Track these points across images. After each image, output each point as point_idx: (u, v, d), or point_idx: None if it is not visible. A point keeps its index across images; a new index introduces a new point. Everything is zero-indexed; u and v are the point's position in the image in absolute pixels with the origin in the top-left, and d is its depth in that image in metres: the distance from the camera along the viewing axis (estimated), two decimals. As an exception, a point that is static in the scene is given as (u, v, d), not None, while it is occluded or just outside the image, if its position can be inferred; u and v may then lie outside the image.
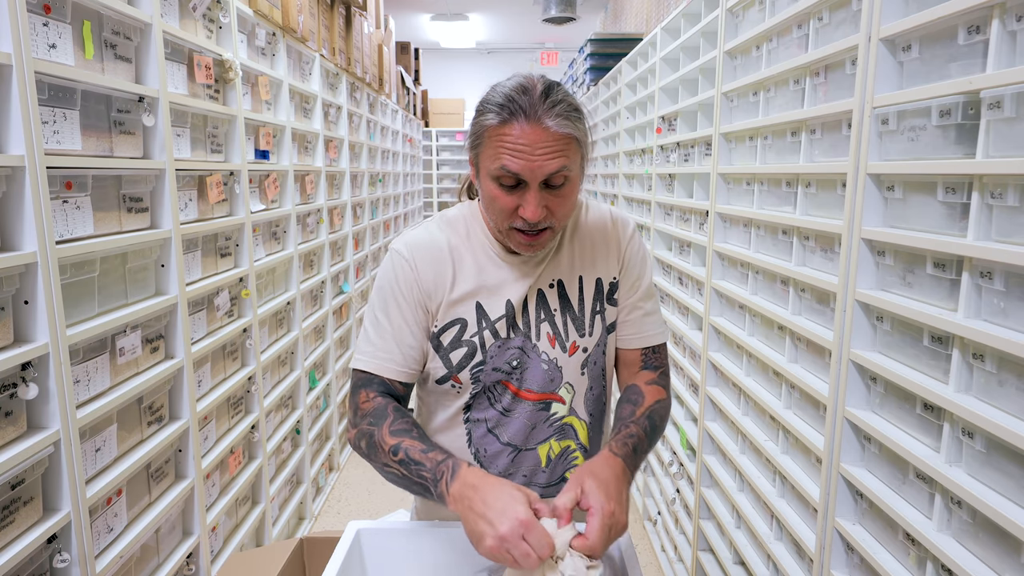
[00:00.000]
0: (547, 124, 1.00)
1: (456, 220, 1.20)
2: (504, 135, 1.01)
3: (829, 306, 1.47)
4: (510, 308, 1.15)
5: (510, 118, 1.01)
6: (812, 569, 1.49)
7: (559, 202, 1.06)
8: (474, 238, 1.18)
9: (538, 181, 1.02)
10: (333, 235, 3.62)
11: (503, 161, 1.01)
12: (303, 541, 1.78)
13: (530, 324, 1.17)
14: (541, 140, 1.00)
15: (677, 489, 2.60)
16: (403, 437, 1.06)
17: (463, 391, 1.18)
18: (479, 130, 1.06)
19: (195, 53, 2.01)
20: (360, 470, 3.76)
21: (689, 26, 2.58)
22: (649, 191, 3.09)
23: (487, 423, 1.19)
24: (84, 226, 1.52)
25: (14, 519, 1.31)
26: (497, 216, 1.08)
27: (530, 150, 1.00)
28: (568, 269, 1.19)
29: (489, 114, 1.03)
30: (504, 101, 1.02)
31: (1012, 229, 0.97)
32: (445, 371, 1.17)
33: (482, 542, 0.92)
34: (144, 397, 1.75)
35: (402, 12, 8.43)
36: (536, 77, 1.05)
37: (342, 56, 3.73)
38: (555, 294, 1.18)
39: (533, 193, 1.03)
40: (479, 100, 1.08)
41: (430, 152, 9.62)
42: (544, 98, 1.01)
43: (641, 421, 1.13)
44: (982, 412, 0.99)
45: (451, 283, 1.15)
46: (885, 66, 1.22)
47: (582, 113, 1.06)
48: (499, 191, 1.05)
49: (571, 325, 1.18)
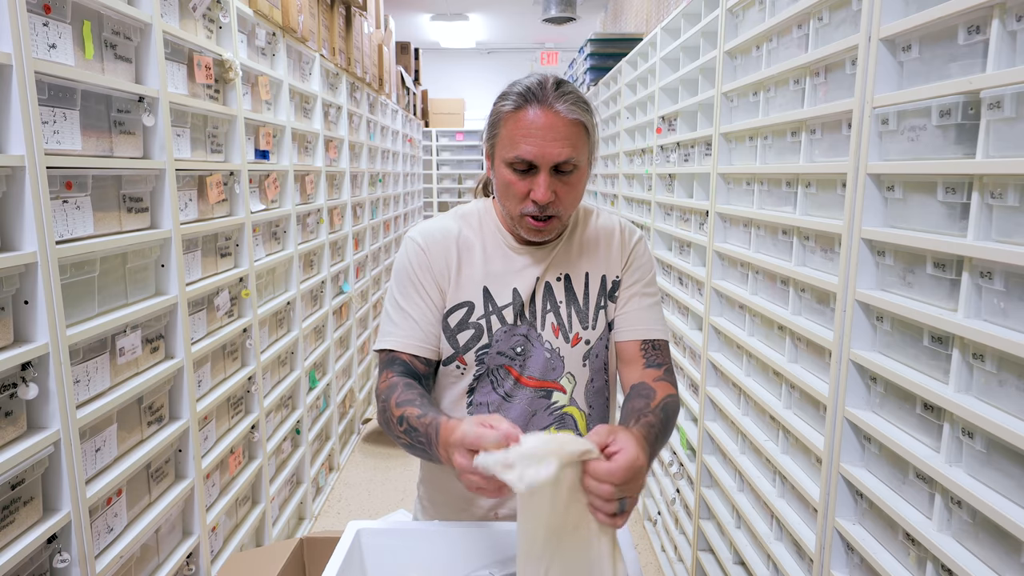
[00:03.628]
0: (558, 109, 1.08)
1: (470, 213, 1.27)
2: (519, 120, 1.10)
3: (829, 306, 1.47)
4: (517, 297, 1.21)
5: (524, 104, 1.10)
6: (812, 569, 1.49)
7: (567, 189, 1.13)
8: (486, 229, 1.24)
9: (549, 166, 1.10)
10: (333, 235, 3.62)
11: (517, 146, 1.10)
12: (303, 541, 1.78)
13: (536, 314, 1.21)
14: (552, 125, 1.08)
15: (677, 489, 2.60)
16: (406, 407, 1.08)
17: (467, 372, 1.22)
18: (496, 117, 1.14)
19: (195, 53, 2.01)
20: (360, 470, 3.76)
21: (689, 26, 2.58)
22: (649, 191, 3.09)
23: (488, 407, 1.22)
24: (84, 226, 1.52)
25: (14, 519, 1.31)
26: (510, 201, 1.15)
27: (542, 134, 1.08)
28: (575, 264, 1.24)
29: (505, 102, 1.12)
30: (520, 90, 1.11)
31: (1012, 229, 0.97)
32: (452, 351, 1.21)
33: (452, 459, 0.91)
34: (144, 397, 1.75)
35: (402, 12, 8.43)
36: (549, 74, 1.14)
37: (342, 56, 3.73)
38: (561, 287, 1.23)
39: (544, 176, 1.10)
40: (497, 96, 1.17)
41: (430, 152, 9.62)
42: (556, 88, 1.11)
43: (657, 412, 1.11)
44: (982, 412, 0.99)
45: (457, 266, 1.21)
46: (885, 66, 1.22)
47: (591, 106, 1.14)
48: (513, 176, 1.12)
49: (575, 317, 1.23)
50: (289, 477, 2.87)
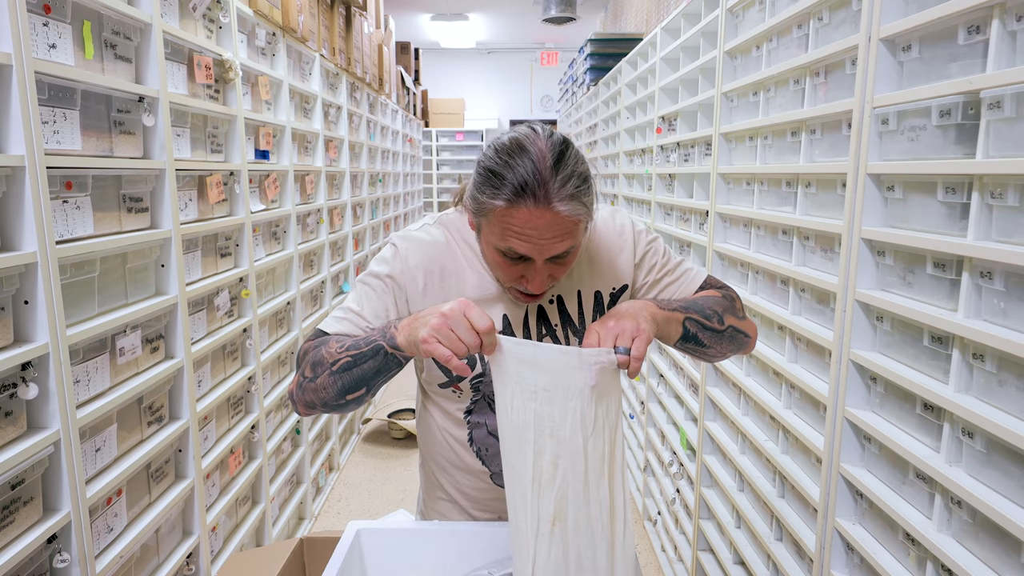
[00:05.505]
0: (558, 209, 0.96)
1: (455, 227, 1.19)
2: (511, 218, 0.97)
3: (829, 306, 1.47)
4: (506, 322, 1.15)
5: (517, 201, 0.96)
6: (812, 569, 1.49)
7: (562, 268, 1.06)
8: (473, 248, 1.16)
9: (544, 259, 1.01)
10: (333, 235, 3.62)
11: (510, 243, 0.99)
12: (303, 541, 1.78)
13: (531, 338, 1.16)
14: (549, 225, 0.97)
15: (677, 489, 2.60)
16: (346, 340, 1.05)
17: (463, 397, 1.19)
18: (483, 207, 1.00)
19: (195, 53, 2.01)
20: (360, 470, 3.76)
21: (689, 26, 2.58)
22: (649, 191, 3.10)
23: (487, 426, 1.19)
24: (84, 226, 1.52)
25: (14, 519, 1.31)
26: (499, 277, 1.09)
27: (538, 234, 0.97)
28: (566, 285, 1.17)
29: (493, 190, 0.97)
30: (508, 175, 0.96)
31: (1012, 229, 0.97)
32: (446, 379, 1.18)
33: (425, 327, 0.91)
34: (144, 397, 1.75)
35: (402, 12, 8.43)
36: (543, 139, 0.98)
37: (342, 56, 3.73)
38: (555, 309, 1.17)
39: (539, 269, 1.02)
40: (480, 163, 1.02)
41: (430, 152, 9.62)
42: (553, 174, 0.95)
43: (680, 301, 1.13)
44: (982, 412, 0.99)
45: (441, 288, 1.14)
46: (885, 66, 1.22)
47: (591, 182, 1.02)
48: (503, 260, 1.04)
49: (573, 340, 1.18)
50: (289, 477, 2.87)
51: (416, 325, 0.94)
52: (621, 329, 0.95)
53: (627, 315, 0.97)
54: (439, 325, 0.90)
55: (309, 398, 1.06)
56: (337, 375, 1.02)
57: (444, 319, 0.90)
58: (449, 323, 0.90)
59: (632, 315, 0.98)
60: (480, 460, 1.21)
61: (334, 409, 1.06)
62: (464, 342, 0.90)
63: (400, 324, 0.99)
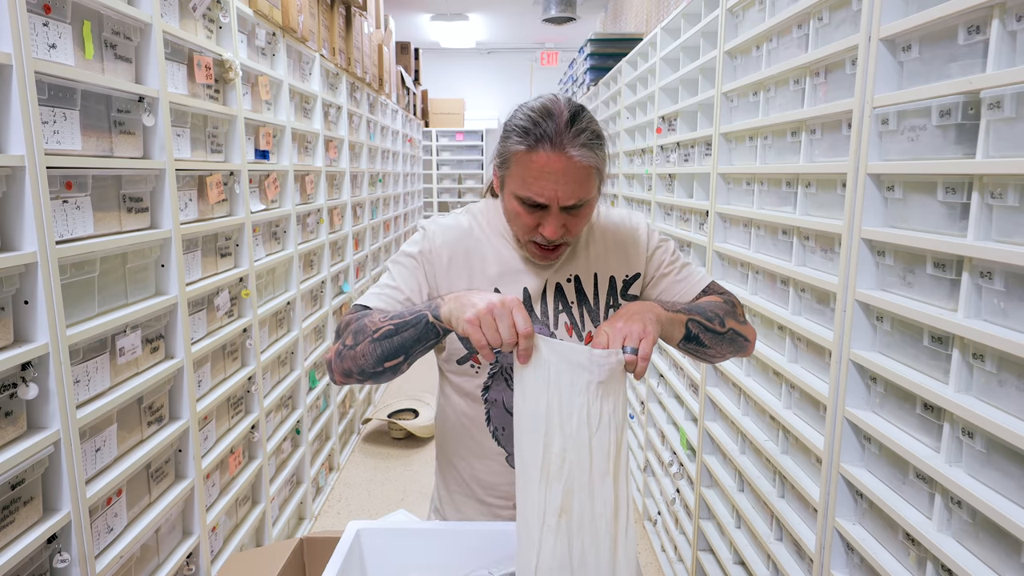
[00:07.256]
0: (571, 154, 1.06)
1: (481, 212, 1.29)
2: (530, 162, 1.07)
3: (829, 306, 1.47)
4: (527, 295, 1.21)
5: (536, 145, 1.06)
6: (812, 569, 1.49)
7: (576, 221, 1.14)
8: (497, 229, 1.26)
9: (559, 206, 1.10)
10: (333, 235, 3.62)
11: (528, 187, 1.09)
12: (303, 541, 1.78)
13: (548, 313, 1.23)
14: (564, 170, 1.07)
15: (677, 489, 2.60)
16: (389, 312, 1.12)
17: (481, 371, 1.23)
18: (506, 153, 1.11)
19: (195, 53, 2.01)
20: (360, 470, 3.77)
21: (689, 26, 2.58)
22: (649, 191, 3.09)
23: (504, 404, 1.23)
24: (84, 226, 1.52)
25: (14, 519, 1.31)
26: (518, 229, 1.17)
27: (554, 179, 1.07)
28: (584, 266, 1.25)
29: (517, 140, 1.08)
30: (530, 126, 1.07)
31: (1012, 229, 0.97)
32: (465, 351, 1.22)
33: (472, 308, 0.96)
34: (144, 397, 1.75)
35: (402, 12, 8.43)
36: (563, 102, 1.10)
37: (342, 56, 3.73)
38: (572, 288, 1.25)
39: (554, 216, 1.11)
40: (507, 123, 1.13)
41: (430, 152, 9.62)
42: (569, 126, 1.07)
43: (684, 304, 1.20)
44: (982, 412, 0.99)
45: (465, 265, 1.22)
46: (885, 66, 1.22)
47: (604, 140, 1.13)
48: (522, 209, 1.12)
49: (587, 317, 1.24)
50: (289, 477, 2.87)
51: (464, 303, 0.99)
52: (629, 331, 1.00)
53: (635, 317, 1.03)
54: (485, 313, 0.95)
55: (347, 366, 1.10)
56: (377, 342, 1.07)
57: (491, 308, 0.96)
58: (495, 313, 0.95)
59: (640, 317, 1.03)
60: (496, 441, 1.25)
61: (370, 377, 1.11)
62: (502, 337, 0.95)
63: (448, 296, 1.05)
